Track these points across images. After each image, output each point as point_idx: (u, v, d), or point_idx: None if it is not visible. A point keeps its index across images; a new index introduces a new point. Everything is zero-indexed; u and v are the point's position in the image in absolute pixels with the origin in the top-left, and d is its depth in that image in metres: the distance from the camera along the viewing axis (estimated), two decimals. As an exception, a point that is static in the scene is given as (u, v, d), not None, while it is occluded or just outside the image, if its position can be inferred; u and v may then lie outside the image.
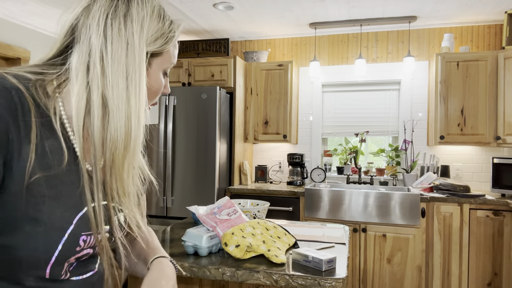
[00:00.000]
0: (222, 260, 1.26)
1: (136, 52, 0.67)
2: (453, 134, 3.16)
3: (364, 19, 3.43)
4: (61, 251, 0.65)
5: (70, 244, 0.66)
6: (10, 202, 0.61)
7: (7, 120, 0.58)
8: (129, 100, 0.67)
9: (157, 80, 0.77)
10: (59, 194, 0.65)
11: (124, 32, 0.66)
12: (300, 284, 1.13)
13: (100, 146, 0.66)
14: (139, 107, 0.68)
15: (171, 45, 0.76)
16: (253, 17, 3.39)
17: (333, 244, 1.47)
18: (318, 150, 3.81)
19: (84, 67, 0.65)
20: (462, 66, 3.14)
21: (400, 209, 2.91)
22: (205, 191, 3.18)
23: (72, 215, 0.66)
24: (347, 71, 3.73)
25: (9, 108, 0.59)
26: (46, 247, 0.63)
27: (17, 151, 0.60)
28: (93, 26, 0.65)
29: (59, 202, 0.64)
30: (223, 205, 1.48)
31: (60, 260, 0.66)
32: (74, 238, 0.66)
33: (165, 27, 0.74)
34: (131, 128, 0.67)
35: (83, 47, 0.65)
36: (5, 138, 0.58)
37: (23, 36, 3.48)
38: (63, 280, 0.68)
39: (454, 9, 3.15)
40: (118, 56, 0.65)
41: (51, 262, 0.64)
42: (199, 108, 3.21)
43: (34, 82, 0.65)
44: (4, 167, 0.59)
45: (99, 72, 0.64)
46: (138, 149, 0.70)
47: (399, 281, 2.92)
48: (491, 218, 2.81)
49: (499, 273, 2.80)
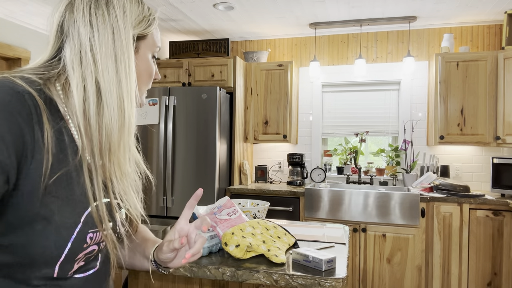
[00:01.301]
0: (222, 260, 1.27)
1: (122, 35, 0.70)
2: (453, 134, 3.16)
3: (364, 19, 3.44)
4: (70, 249, 0.66)
5: (78, 242, 0.67)
6: (23, 203, 0.62)
7: (22, 124, 0.59)
8: (120, 82, 0.69)
9: (147, 64, 0.80)
10: (68, 193, 0.66)
11: (108, 18, 0.69)
12: (300, 284, 1.13)
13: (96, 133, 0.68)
14: (130, 88, 0.71)
15: (154, 28, 0.79)
16: (253, 17, 3.39)
17: (333, 244, 1.48)
18: (318, 150, 3.81)
19: (78, 58, 0.67)
20: (462, 66, 3.15)
21: (400, 209, 2.92)
22: (205, 191, 3.18)
23: (80, 213, 0.68)
24: (347, 71, 3.73)
25: (24, 112, 0.60)
26: (56, 245, 0.64)
27: (31, 153, 0.61)
28: (79, 19, 0.68)
29: (68, 202, 0.66)
30: (223, 205, 1.48)
31: (69, 257, 0.67)
32: (82, 235, 0.68)
33: (145, 11, 0.77)
34: (124, 108, 0.70)
35: (73, 41, 0.68)
36: (20, 142, 0.59)
37: (23, 36, 3.48)
38: (67, 278, 0.69)
39: (454, 9, 3.15)
40: (106, 41, 0.68)
41: (61, 260, 0.66)
42: (199, 108, 3.21)
43: (42, 85, 0.66)
44: (18, 169, 0.60)
45: (90, 60, 0.67)
46: (132, 130, 0.73)
47: (399, 281, 2.93)
48: (491, 218, 2.82)
49: (499, 273, 2.80)
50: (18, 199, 0.61)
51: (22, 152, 0.60)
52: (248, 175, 3.58)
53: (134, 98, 0.72)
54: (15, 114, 0.59)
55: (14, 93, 0.60)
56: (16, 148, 0.59)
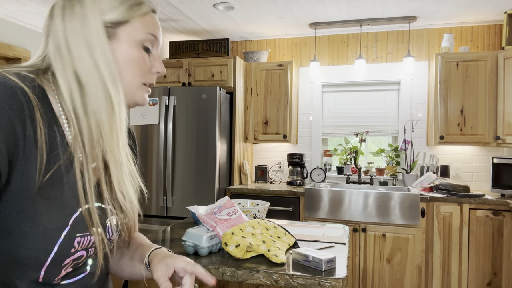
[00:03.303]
0: (222, 260, 1.27)
1: (90, 21, 0.69)
2: (452, 134, 3.16)
3: (364, 19, 3.44)
4: (57, 252, 0.65)
5: (65, 245, 0.66)
6: (12, 201, 0.61)
7: (14, 120, 0.58)
8: (98, 67, 0.69)
9: (132, 52, 0.74)
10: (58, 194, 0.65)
11: (79, 7, 0.70)
12: (300, 284, 1.13)
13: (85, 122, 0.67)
14: (112, 73, 0.70)
15: (139, 14, 0.74)
16: (253, 17, 3.39)
17: (333, 244, 1.48)
18: (318, 150, 3.81)
19: (57, 50, 0.69)
20: (462, 66, 3.15)
21: (400, 209, 2.92)
22: (205, 191, 3.18)
23: (69, 215, 0.66)
24: (347, 71, 3.73)
25: (16, 108, 0.59)
26: (43, 247, 0.63)
27: (22, 150, 0.60)
28: (56, 14, 0.70)
29: (57, 203, 0.65)
30: (223, 205, 1.48)
31: (55, 262, 0.65)
32: (70, 239, 0.66)
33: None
34: (110, 94, 0.69)
35: (53, 35, 0.70)
36: (12, 138, 0.58)
37: (23, 36, 3.48)
38: (55, 285, 0.68)
39: (454, 9, 3.15)
40: (74, 29, 0.69)
41: (47, 264, 0.64)
42: (199, 108, 3.21)
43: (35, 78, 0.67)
44: (9, 166, 0.59)
45: (66, 50, 0.68)
46: (123, 117, 0.72)
47: (399, 281, 2.93)
48: (491, 218, 2.82)
49: (498, 273, 2.80)
50: (7, 196, 0.60)
51: (13, 148, 0.59)
52: (248, 175, 3.58)
53: (119, 83, 0.71)
54: (7, 109, 0.58)
55: (6, 88, 0.59)
56: (7, 144, 0.58)
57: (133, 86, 0.76)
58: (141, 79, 0.77)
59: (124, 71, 0.74)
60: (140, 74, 0.76)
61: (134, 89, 0.76)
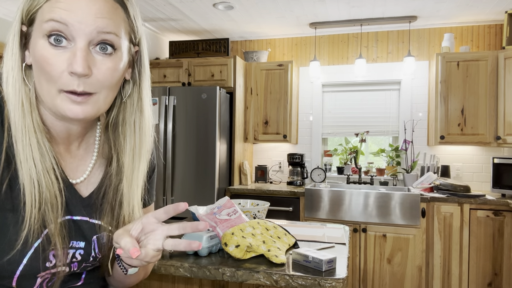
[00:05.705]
0: (222, 260, 1.26)
1: (13, 23, 0.63)
2: (453, 134, 3.16)
3: (364, 19, 3.43)
4: (26, 265, 0.62)
5: (37, 259, 0.63)
6: None
7: None
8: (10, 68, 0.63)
9: (36, 52, 0.60)
10: (20, 208, 0.62)
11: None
12: (300, 284, 1.13)
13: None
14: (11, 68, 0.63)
15: (43, 2, 0.60)
16: (253, 17, 3.38)
17: (333, 244, 1.47)
18: (318, 150, 3.80)
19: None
20: (462, 66, 3.14)
21: (400, 209, 2.91)
22: (205, 191, 3.18)
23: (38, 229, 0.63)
24: (347, 71, 3.73)
25: None
26: (10, 260, 0.61)
27: None
28: None
29: (20, 216, 0.62)
30: (223, 205, 1.48)
31: (26, 274, 0.63)
32: (43, 253, 0.63)
33: None
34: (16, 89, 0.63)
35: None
36: None
37: (23, 36, 3.48)
38: None
39: (454, 9, 3.14)
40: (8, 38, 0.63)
41: (16, 276, 0.63)
42: (199, 108, 3.21)
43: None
44: None
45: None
46: (33, 111, 0.66)
47: (399, 281, 2.92)
48: (491, 218, 2.81)
49: (499, 273, 2.80)
50: None
51: None
52: (248, 175, 3.58)
53: (18, 79, 0.63)
54: None
55: None
56: None
57: (50, 94, 0.61)
58: (54, 85, 0.60)
59: (36, 76, 0.62)
60: (48, 78, 0.60)
61: (51, 98, 0.61)
